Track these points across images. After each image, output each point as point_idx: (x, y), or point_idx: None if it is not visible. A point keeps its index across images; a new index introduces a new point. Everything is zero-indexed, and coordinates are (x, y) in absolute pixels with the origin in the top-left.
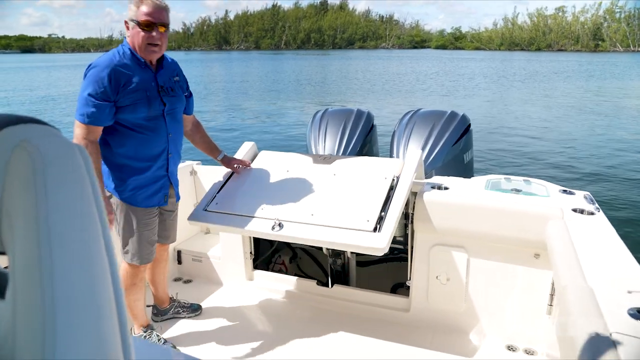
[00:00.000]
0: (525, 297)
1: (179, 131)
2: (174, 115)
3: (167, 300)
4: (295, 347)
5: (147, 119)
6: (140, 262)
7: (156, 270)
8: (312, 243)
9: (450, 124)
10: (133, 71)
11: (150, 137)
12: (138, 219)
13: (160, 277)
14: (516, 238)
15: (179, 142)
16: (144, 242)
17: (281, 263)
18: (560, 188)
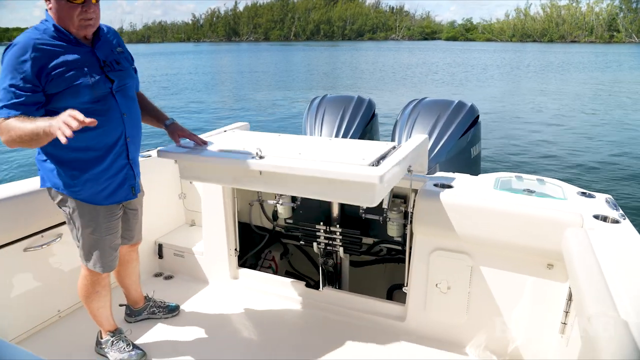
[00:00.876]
0: (535, 311)
1: (135, 110)
2: (125, 92)
3: (141, 300)
4: (279, 356)
5: (94, 101)
6: (103, 270)
7: (125, 272)
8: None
9: (458, 115)
10: (63, 50)
11: (101, 122)
12: (100, 221)
13: (131, 279)
14: (528, 246)
15: (136, 122)
16: (106, 247)
17: (271, 259)
18: (578, 190)
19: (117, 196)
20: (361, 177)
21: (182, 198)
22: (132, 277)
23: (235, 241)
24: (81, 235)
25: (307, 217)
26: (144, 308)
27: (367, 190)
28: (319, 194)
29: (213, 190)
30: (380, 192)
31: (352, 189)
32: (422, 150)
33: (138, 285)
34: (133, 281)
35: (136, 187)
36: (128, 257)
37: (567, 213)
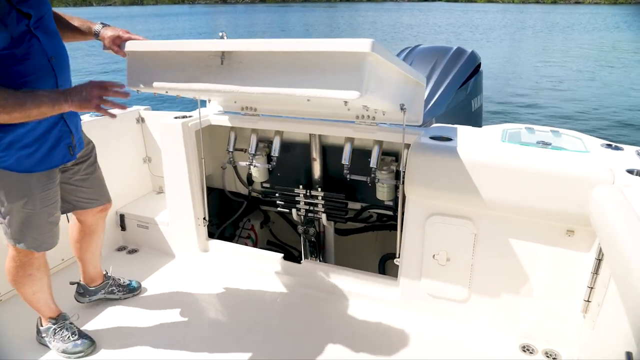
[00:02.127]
0: (550, 286)
1: (62, 49)
2: (46, 26)
3: (99, 277)
4: (251, 341)
5: (10, 46)
6: (38, 250)
7: (87, 244)
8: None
9: (456, 63)
10: None
11: (23, 69)
12: (33, 191)
13: (93, 253)
14: (544, 209)
15: (66, 64)
16: (42, 222)
17: (250, 229)
18: (601, 142)
19: (52, 159)
20: (349, 46)
21: (147, 162)
22: (94, 251)
23: (204, 209)
24: (9, 211)
25: (285, 180)
26: (101, 287)
27: (354, 68)
28: (295, 84)
29: (174, 146)
30: (372, 78)
31: (335, 70)
32: (418, 93)
33: (98, 260)
34: (95, 255)
35: (77, 146)
36: (95, 225)
37: (594, 168)
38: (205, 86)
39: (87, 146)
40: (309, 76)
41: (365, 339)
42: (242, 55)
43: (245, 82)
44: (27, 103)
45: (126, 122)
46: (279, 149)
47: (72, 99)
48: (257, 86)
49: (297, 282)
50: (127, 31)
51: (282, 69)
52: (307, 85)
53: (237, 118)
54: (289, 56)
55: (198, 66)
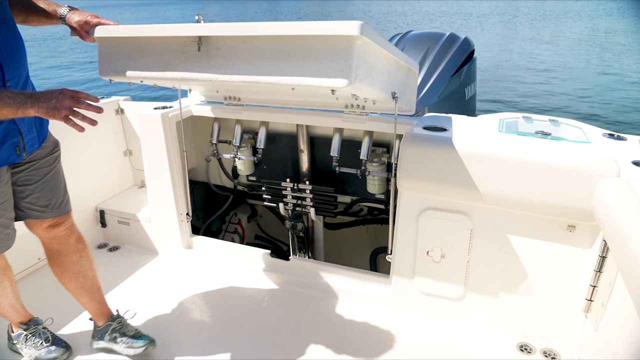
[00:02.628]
0: (549, 283)
1: (11, 38)
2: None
3: (103, 316)
4: (237, 341)
5: None
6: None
7: (60, 270)
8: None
9: (449, 49)
10: None
11: None
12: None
13: (76, 281)
14: (544, 203)
15: (18, 54)
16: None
17: (237, 223)
18: (603, 131)
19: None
20: (337, 29)
21: (128, 155)
22: (75, 279)
23: (187, 204)
24: None
25: (271, 173)
26: (103, 329)
27: (341, 54)
28: (278, 72)
29: (154, 138)
30: (361, 65)
31: (321, 55)
32: (410, 81)
33: (94, 293)
34: (81, 285)
35: (27, 147)
36: (57, 244)
37: (598, 160)
38: (181, 75)
39: (47, 145)
40: (293, 63)
41: (356, 339)
42: (220, 40)
43: (225, 70)
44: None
45: (105, 113)
46: (265, 141)
47: (40, 105)
48: (237, 74)
49: (285, 280)
50: (95, 15)
51: (263, 56)
52: (291, 73)
53: (220, 108)
54: (272, 41)
55: (173, 53)
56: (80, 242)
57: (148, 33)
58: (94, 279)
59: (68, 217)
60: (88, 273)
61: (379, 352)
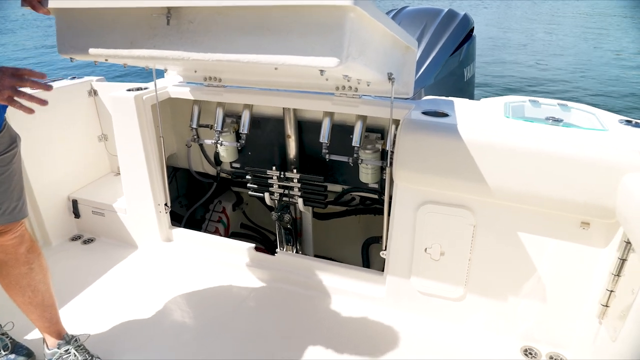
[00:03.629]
0: (558, 284)
1: None
2: None
3: (55, 334)
4: (219, 343)
5: None
6: None
7: (7, 279)
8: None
9: (448, 26)
10: None
11: None
12: None
13: (23, 296)
14: (557, 197)
15: None
16: None
17: (221, 211)
18: (618, 117)
19: None
20: None
21: (104, 140)
22: (23, 293)
23: (165, 194)
24: None
25: (256, 160)
26: (51, 353)
27: (332, 28)
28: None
29: (127, 123)
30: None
31: (309, 30)
32: (408, 60)
33: (44, 310)
34: (29, 301)
35: None
36: (3, 253)
37: (621, 151)
38: (149, 52)
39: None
40: (275, 39)
41: (347, 340)
42: (192, 12)
43: (198, 47)
44: None
45: (77, 95)
46: (249, 125)
47: None
48: (213, 52)
49: (272, 277)
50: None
51: (242, 30)
52: (273, 51)
53: (200, 90)
54: (251, 13)
55: (140, 27)
56: (32, 252)
57: (110, 3)
58: (45, 294)
59: (19, 226)
60: (39, 287)
61: (372, 354)
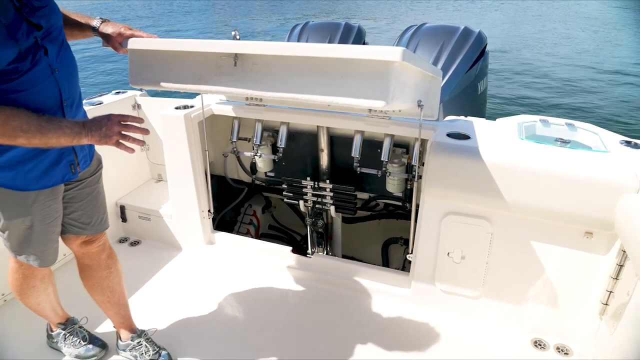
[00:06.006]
0: (565, 285)
1: (68, 59)
2: (54, 36)
3: (126, 330)
4: (266, 335)
5: (17, 59)
6: (40, 265)
7: (90, 283)
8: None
9: (464, 44)
10: None
11: (24, 84)
12: (31, 209)
13: (103, 295)
14: (564, 211)
15: (73, 77)
16: (42, 240)
17: (252, 214)
18: (619, 138)
19: (52, 177)
20: (379, 55)
21: (145, 150)
22: (103, 293)
23: (209, 201)
24: (7, 227)
25: (290, 170)
26: (125, 344)
27: (380, 77)
28: (314, 90)
29: (177, 138)
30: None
31: (360, 77)
32: (433, 87)
33: (119, 307)
34: (108, 299)
35: (81, 164)
36: (89, 259)
37: (620, 174)
38: (215, 88)
39: (93, 164)
40: (330, 81)
41: (378, 333)
42: (257, 56)
43: (260, 86)
44: (50, 133)
45: (123, 109)
46: (286, 139)
47: (92, 134)
48: (273, 91)
49: (307, 277)
50: (128, 27)
51: (301, 73)
52: (327, 92)
53: (242, 108)
54: (310, 59)
55: (208, 66)
56: (111, 258)
57: (183, 47)
58: (120, 294)
59: (103, 235)
60: (116, 288)
61: (400, 346)
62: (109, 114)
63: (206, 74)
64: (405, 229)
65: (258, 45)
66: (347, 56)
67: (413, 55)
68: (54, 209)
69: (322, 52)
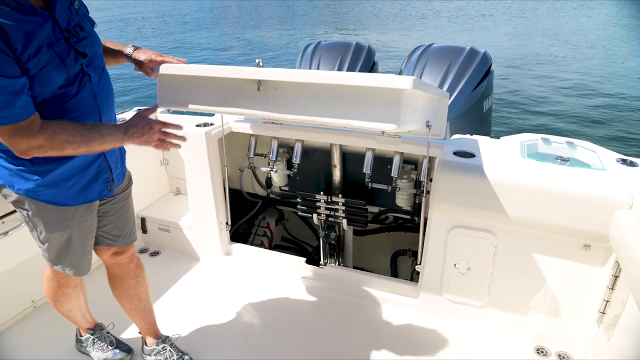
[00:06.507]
0: (565, 295)
1: (107, 84)
2: (96, 64)
3: (151, 336)
4: (284, 341)
5: (65, 84)
6: (75, 274)
7: (119, 292)
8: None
9: (470, 64)
10: (21, 22)
11: (71, 108)
12: (70, 223)
13: (131, 303)
14: (563, 226)
15: (111, 101)
16: (78, 251)
17: (266, 226)
18: (616, 156)
19: (89, 194)
20: (392, 83)
21: (165, 164)
22: (130, 300)
23: (227, 214)
24: (46, 239)
25: (304, 185)
26: (151, 349)
27: (393, 102)
28: (331, 114)
29: (197, 154)
30: (407, 110)
31: (374, 102)
32: (441, 109)
33: (145, 314)
34: (135, 307)
35: (116, 181)
36: (118, 269)
37: (614, 191)
38: (239, 110)
39: (125, 180)
40: (347, 106)
41: (388, 341)
42: (279, 82)
43: (282, 109)
44: (93, 141)
45: None
46: (301, 156)
47: (133, 140)
48: (294, 114)
49: (321, 286)
50: (159, 54)
51: (319, 98)
52: (344, 116)
53: (259, 126)
54: (328, 86)
55: (233, 90)
56: (139, 268)
57: (210, 73)
58: (146, 302)
59: (132, 247)
60: (142, 296)
61: (409, 352)
62: (151, 119)
63: (231, 98)
64: (413, 241)
65: (280, 72)
66: (363, 84)
67: (422, 82)
68: (90, 223)
69: (340, 79)
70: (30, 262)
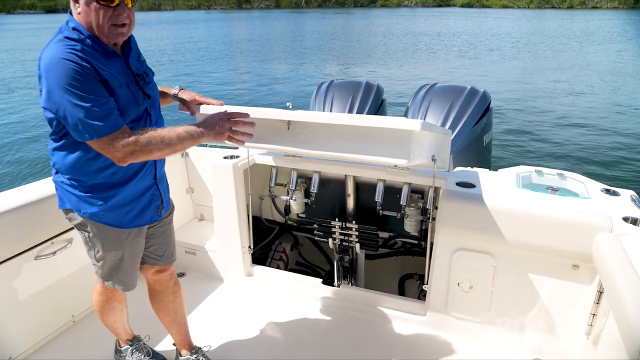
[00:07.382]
0: (558, 312)
1: (161, 124)
2: (156, 105)
3: (184, 348)
4: (298, 352)
5: (135, 119)
6: (124, 290)
7: (158, 306)
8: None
9: (471, 102)
10: (106, 65)
11: None
12: (124, 244)
13: (169, 316)
14: (553, 248)
15: None
16: (129, 268)
17: (282, 251)
18: (601, 186)
19: (143, 218)
20: (403, 125)
21: (190, 192)
22: (168, 314)
23: (249, 238)
24: (102, 258)
25: (320, 212)
26: (185, 359)
27: (404, 141)
28: (350, 150)
29: (225, 183)
30: (416, 147)
31: (388, 141)
32: (444, 144)
33: (181, 327)
34: (172, 320)
35: (165, 207)
36: (159, 285)
37: (596, 216)
38: (270, 146)
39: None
40: (365, 143)
41: (399, 353)
42: (306, 123)
43: (308, 146)
44: (176, 144)
45: (172, 156)
46: (318, 186)
47: (208, 133)
48: (318, 150)
49: (336, 304)
50: (201, 96)
51: (340, 136)
52: (361, 151)
53: (280, 159)
54: (348, 127)
55: (265, 129)
56: (177, 284)
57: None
58: (182, 316)
59: (172, 266)
60: (179, 310)
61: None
62: (219, 112)
63: (263, 135)
64: (419, 265)
65: (307, 114)
66: (379, 125)
67: (428, 124)
68: (139, 244)
69: (359, 121)
70: (71, 278)
